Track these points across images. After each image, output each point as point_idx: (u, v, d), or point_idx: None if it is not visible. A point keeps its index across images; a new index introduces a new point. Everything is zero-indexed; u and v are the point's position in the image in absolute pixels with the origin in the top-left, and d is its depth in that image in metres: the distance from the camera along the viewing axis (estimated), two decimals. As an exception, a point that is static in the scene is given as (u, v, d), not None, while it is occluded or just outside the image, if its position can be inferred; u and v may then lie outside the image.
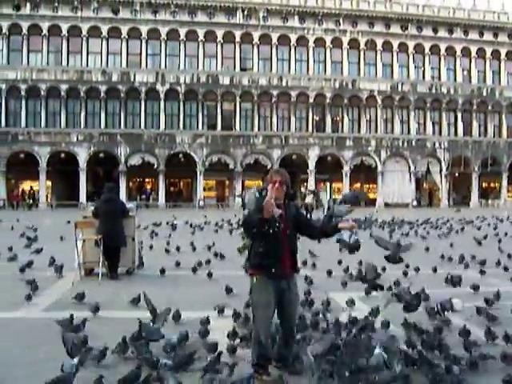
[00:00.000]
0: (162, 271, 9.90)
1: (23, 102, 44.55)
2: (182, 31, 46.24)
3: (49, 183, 46.07)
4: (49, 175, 44.83)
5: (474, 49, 50.49)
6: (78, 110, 45.34)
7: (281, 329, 4.80)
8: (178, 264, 10.85)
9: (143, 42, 46.11)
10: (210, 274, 9.52)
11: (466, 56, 50.72)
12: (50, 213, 37.70)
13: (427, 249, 14.00)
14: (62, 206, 42.45)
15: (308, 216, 22.86)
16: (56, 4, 44.79)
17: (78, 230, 9.98)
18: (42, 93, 44.42)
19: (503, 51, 51.02)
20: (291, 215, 4.61)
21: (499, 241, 16.04)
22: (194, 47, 46.71)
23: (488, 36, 50.79)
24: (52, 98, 45.00)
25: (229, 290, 7.87)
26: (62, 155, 44.62)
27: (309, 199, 30.38)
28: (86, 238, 9.89)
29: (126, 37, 45.80)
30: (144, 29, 45.91)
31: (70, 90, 44.85)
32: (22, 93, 44.27)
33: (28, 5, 44.64)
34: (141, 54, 46.26)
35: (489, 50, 50.73)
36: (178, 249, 13.68)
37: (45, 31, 44.81)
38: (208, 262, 11.08)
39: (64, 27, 45.00)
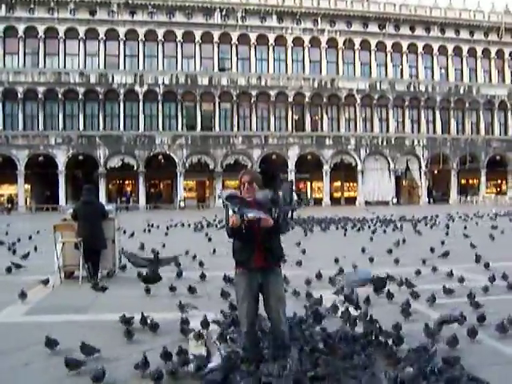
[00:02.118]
0: (139, 275, 9.84)
1: (0, 105, 44.09)
2: (160, 32, 46.11)
3: (27, 187, 45.69)
4: (27, 178, 44.45)
5: (450, 47, 51.04)
6: (56, 112, 45.00)
7: (270, 322, 4.96)
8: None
9: (121, 43, 45.90)
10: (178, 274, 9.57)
11: (443, 54, 51.25)
12: (29, 216, 37.36)
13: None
14: (42, 210, 42.15)
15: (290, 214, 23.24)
16: (32, 5, 44.42)
17: (57, 232, 9.92)
18: (19, 95, 44.01)
19: (479, 49, 51.62)
20: (263, 204, 4.72)
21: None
22: (172, 48, 46.63)
23: (464, 34, 51.37)
24: (29, 100, 44.60)
25: (193, 290, 7.83)
26: (41, 158, 44.15)
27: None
28: (66, 240, 9.83)
29: (104, 38, 45.55)
30: (122, 30, 45.70)
31: (48, 92, 44.49)
32: (-1, 95, 43.89)
33: (3, 6, 44.23)
34: (119, 55, 46.05)
35: (465, 48, 51.32)
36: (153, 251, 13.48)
37: (21, 33, 44.43)
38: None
39: (40, 29, 44.65)
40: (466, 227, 19.25)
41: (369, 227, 20.38)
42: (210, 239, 15.92)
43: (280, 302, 4.83)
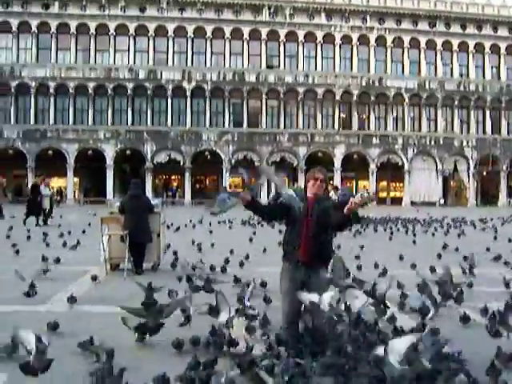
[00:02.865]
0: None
1: (52, 100, 45.11)
2: (209, 29, 46.40)
3: (76, 180, 46.58)
4: (76, 172, 45.35)
5: (503, 46, 49.80)
6: (105, 107, 45.76)
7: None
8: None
9: (170, 39, 46.35)
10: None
11: (494, 53, 50.05)
12: (77, 208, 38.00)
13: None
14: (90, 203, 42.85)
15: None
16: (84, 3, 45.29)
17: (104, 225, 9.99)
18: (70, 90, 44.92)
19: (533, 48, 50.29)
20: (321, 208, 4.71)
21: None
22: (220, 45, 46.84)
23: (518, 32, 50.12)
24: (80, 95, 45.45)
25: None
26: (90, 152, 45.06)
27: (332, 195, 30.15)
28: (112, 233, 9.90)
29: (153, 35, 46.11)
30: (171, 26, 46.15)
31: (98, 87, 45.29)
32: (51, 90, 44.85)
33: (56, 4, 45.18)
34: (167, 51, 46.51)
35: (518, 47, 50.05)
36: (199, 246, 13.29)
37: (73, 30, 45.32)
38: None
39: (92, 25, 45.45)
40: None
41: (435, 229, 19.26)
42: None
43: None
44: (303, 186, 5.29)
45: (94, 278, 8.38)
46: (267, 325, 5.25)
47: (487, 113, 49.83)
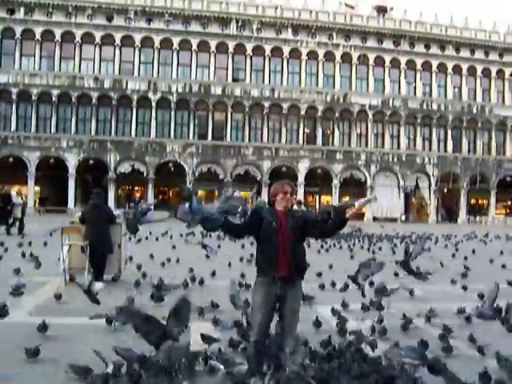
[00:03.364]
0: (144, 275, 9.82)
1: (14, 106, 44.45)
2: (176, 40, 46.38)
3: (37, 188, 45.88)
4: (38, 180, 44.67)
5: (465, 67, 50.98)
6: (68, 115, 45.29)
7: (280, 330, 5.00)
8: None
9: (136, 49, 46.19)
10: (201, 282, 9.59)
11: (457, 73, 51.19)
12: (38, 218, 37.41)
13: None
14: (47, 212, 42.21)
15: None
16: (50, 9, 44.84)
17: (65, 235, 9.95)
18: (33, 97, 44.33)
19: (494, 69, 51.56)
20: (294, 221, 4.74)
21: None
22: (187, 56, 46.87)
23: (479, 54, 51.31)
24: (43, 102, 44.91)
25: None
26: (52, 160, 44.37)
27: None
28: (72, 243, 9.85)
29: (120, 44, 45.88)
30: (137, 37, 46.00)
31: (62, 95, 44.82)
32: (13, 97, 44.21)
33: (22, 9, 44.64)
34: (134, 61, 46.34)
35: (479, 68, 51.24)
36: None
37: (38, 36, 44.81)
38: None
39: (57, 32, 45.01)
40: None
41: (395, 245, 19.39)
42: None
43: (294, 317, 4.81)
44: (267, 200, 5.32)
45: (57, 295, 8.25)
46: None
47: (449, 131, 50.84)
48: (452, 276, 11.30)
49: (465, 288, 9.81)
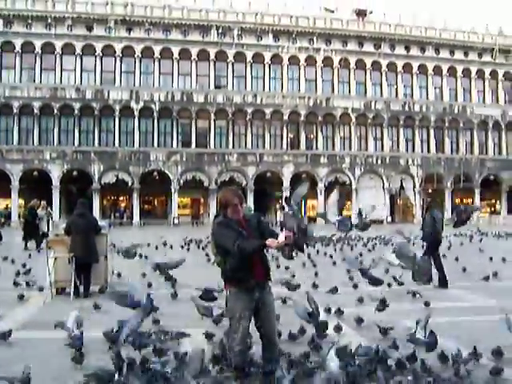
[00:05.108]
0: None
1: (-5, 119, 44.14)
2: (157, 49, 46.33)
3: (21, 201, 45.50)
4: (21, 193, 44.31)
5: (445, 67, 51.43)
6: (51, 127, 45.01)
7: (261, 337, 5.07)
8: (149, 285, 10.61)
9: (117, 59, 46.04)
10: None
11: (437, 74, 51.62)
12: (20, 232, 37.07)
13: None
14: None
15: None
16: (29, 21, 44.57)
17: (50, 248, 9.96)
18: (15, 110, 44.03)
19: (473, 69, 52.05)
20: (253, 226, 4.93)
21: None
22: (168, 65, 46.79)
23: (459, 55, 51.81)
24: (25, 115, 44.62)
25: None
26: (35, 173, 44.08)
27: (281, 215, 30.52)
28: (58, 256, 9.84)
29: (100, 54, 45.71)
30: (118, 46, 45.87)
31: (44, 107, 44.54)
32: (-6, 110, 43.92)
33: (1, 21, 44.36)
34: (115, 71, 46.16)
35: (459, 69, 51.72)
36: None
37: (18, 48, 44.50)
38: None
39: (37, 44, 44.72)
40: None
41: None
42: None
43: (274, 313, 5.08)
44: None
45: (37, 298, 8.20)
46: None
47: (431, 132, 51.23)
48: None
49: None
